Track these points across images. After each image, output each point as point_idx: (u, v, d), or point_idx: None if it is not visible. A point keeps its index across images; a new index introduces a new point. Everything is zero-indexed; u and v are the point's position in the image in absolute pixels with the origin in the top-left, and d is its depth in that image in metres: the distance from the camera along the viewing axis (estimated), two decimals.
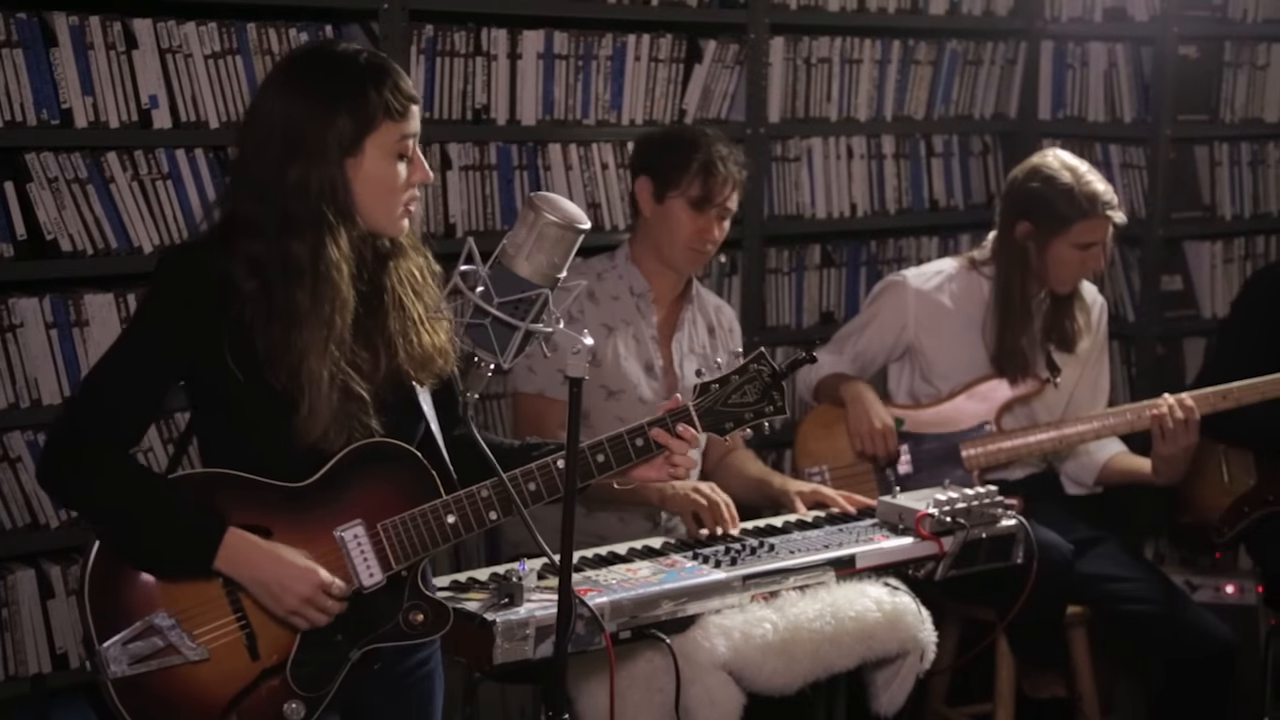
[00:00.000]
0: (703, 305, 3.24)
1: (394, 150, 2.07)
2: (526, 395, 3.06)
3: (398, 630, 2.15)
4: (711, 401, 2.33)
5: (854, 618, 2.61)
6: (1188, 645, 3.18)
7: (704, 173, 3.04)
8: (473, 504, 2.17)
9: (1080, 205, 3.20)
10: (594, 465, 2.25)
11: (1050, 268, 3.26)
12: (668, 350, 3.15)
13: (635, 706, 2.53)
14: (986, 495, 2.86)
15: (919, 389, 3.44)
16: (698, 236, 3.07)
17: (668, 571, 2.56)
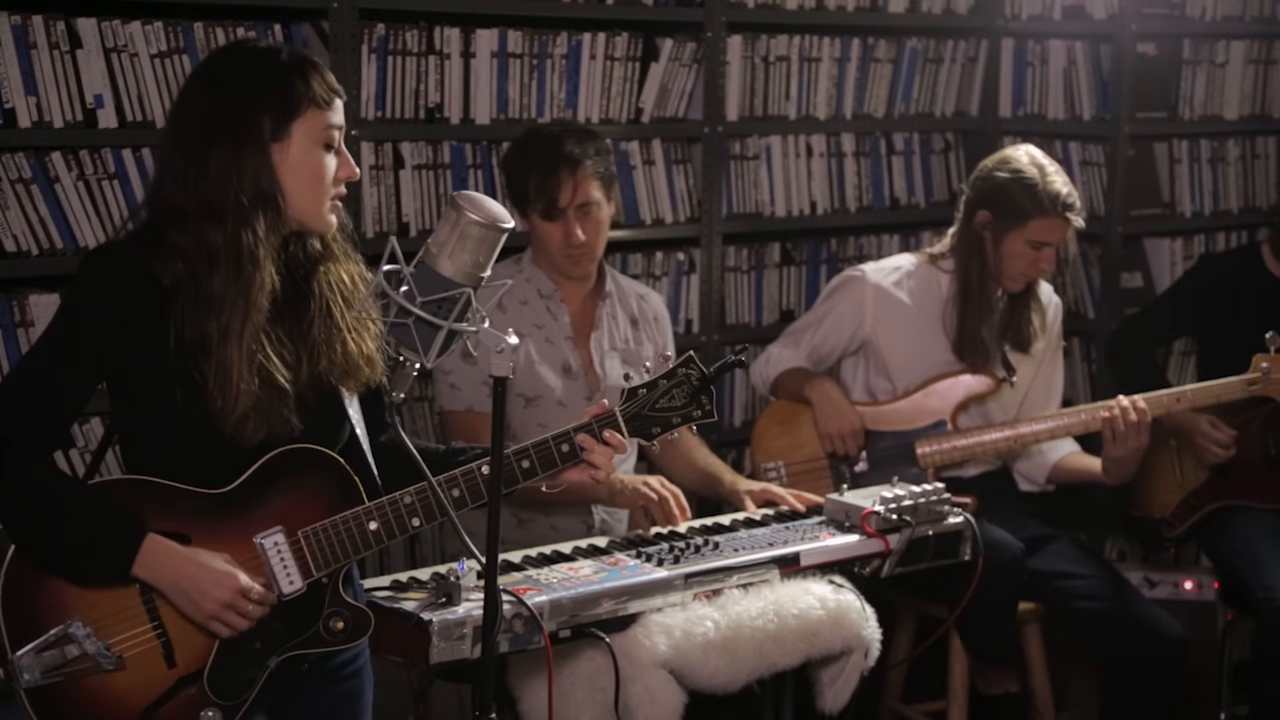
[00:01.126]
0: (623, 298, 3.20)
1: (320, 139, 2.07)
2: (455, 413, 3.03)
3: (318, 637, 2.15)
4: (638, 406, 2.34)
5: (797, 615, 2.61)
6: (1137, 641, 3.19)
7: (542, 185, 2.98)
8: (395, 510, 2.17)
9: (1040, 202, 3.20)
10: (519, 471, 2.25)
11: (1003, 261, 3.27)
12: (586, 350, 3.11)
13: (578, 705, 2.53)
14: (934, 493, 2.86)
15: (875, 385, 3.45)
16: (565, 242, 3.02)
17: (609, 570, 2.56)
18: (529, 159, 3.01)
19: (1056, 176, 3.24)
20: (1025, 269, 3.27)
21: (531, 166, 3.00)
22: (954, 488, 3.31)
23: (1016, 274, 3.28)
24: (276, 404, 2.07)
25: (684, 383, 2.37)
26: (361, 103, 3.25)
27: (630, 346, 3.15)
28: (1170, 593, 3.76)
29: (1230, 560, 3.45)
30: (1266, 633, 3.32)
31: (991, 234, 3.27)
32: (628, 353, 3.13)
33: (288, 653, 2.13)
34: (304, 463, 2.13)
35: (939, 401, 3.34)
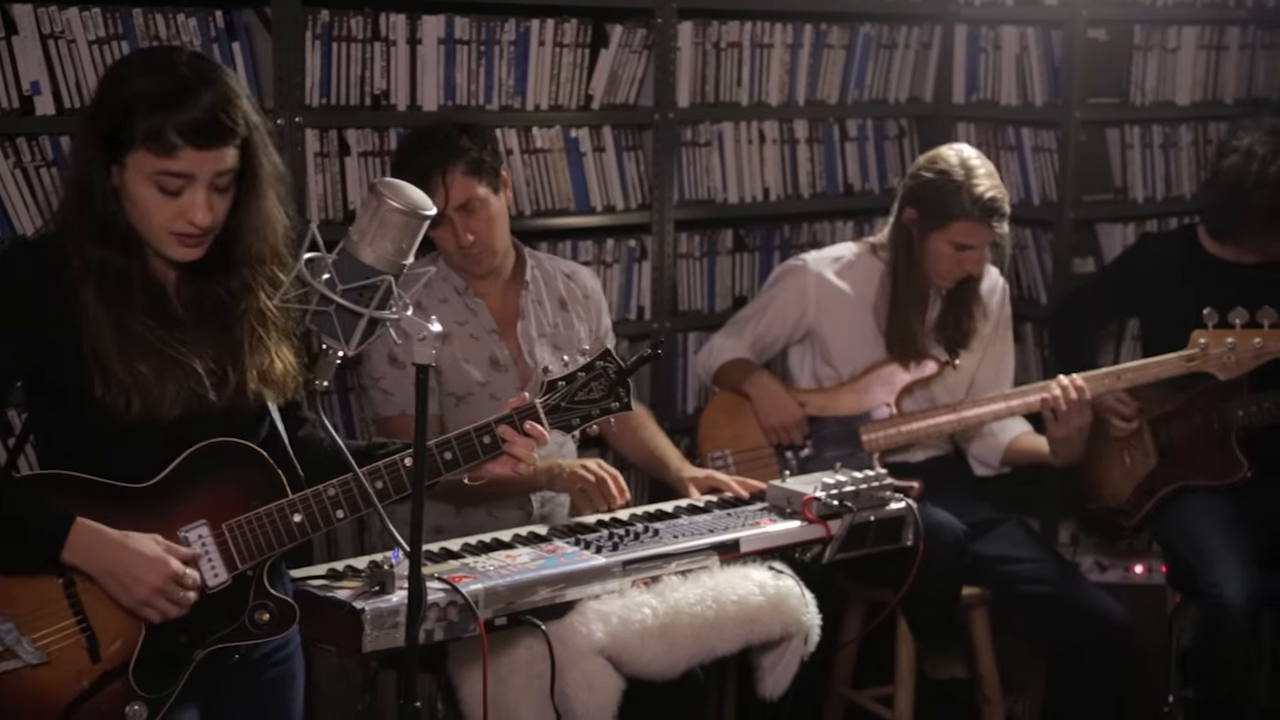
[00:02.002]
0: (548, 281, 3.17)
1: (151, 180, 2.03)
2: (391, 418, 3.01)
3: (243, 630, 2.15)
4: (559, 399, 2.36)
5: (736, 601, 2.62)
6: (1082, 626, 3.20)
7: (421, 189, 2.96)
8: (319, 502, 2.17)
9: (963, 205, 3.21)
10: (441, 463, 2.26)
11: (929, 260, 3.28)
12: (514, 341, 3.09)
13: (516, 692, 2.54)
14: (875, 478, 2.87)
15: (820, 371, 3.46)
16: (456, 245, 3.00)
17: (547, 558, 2.57)
18: (405, 166, 2.97)
19: (984, 180, 3.23)
20: (950, 269, 3.27)
21: (405, 174, 2.90)
22: (901, 472, 3.34)
23: (943, 272, 3.29)
24: (187, 380, 2.07)
25: (601, 375, 2.39)
26: (306, 89, 3.23)
27: (560, 330, 3.14)
28: (1121, 577, 3.78)
29: (1180, 550, 3.46)
30: (1209, 628, 3.33)
31: (917, 232, 3.28)
32: (558, 336, 3.12)
33: (213, 645, 2.13)
34: (227, 456, 2.13)
35: (882, 387, 3.35)
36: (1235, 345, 3.20)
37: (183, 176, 2.02)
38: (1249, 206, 3.47)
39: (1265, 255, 3.56)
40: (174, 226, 2.05)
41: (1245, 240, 3.54)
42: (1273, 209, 3.45)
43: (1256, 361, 3.21)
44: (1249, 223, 3.50)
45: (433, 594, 2.37)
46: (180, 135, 2.00)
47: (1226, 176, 3.52)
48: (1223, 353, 3.20)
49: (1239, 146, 3.53)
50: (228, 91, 2.03)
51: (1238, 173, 3.48)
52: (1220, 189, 3.54)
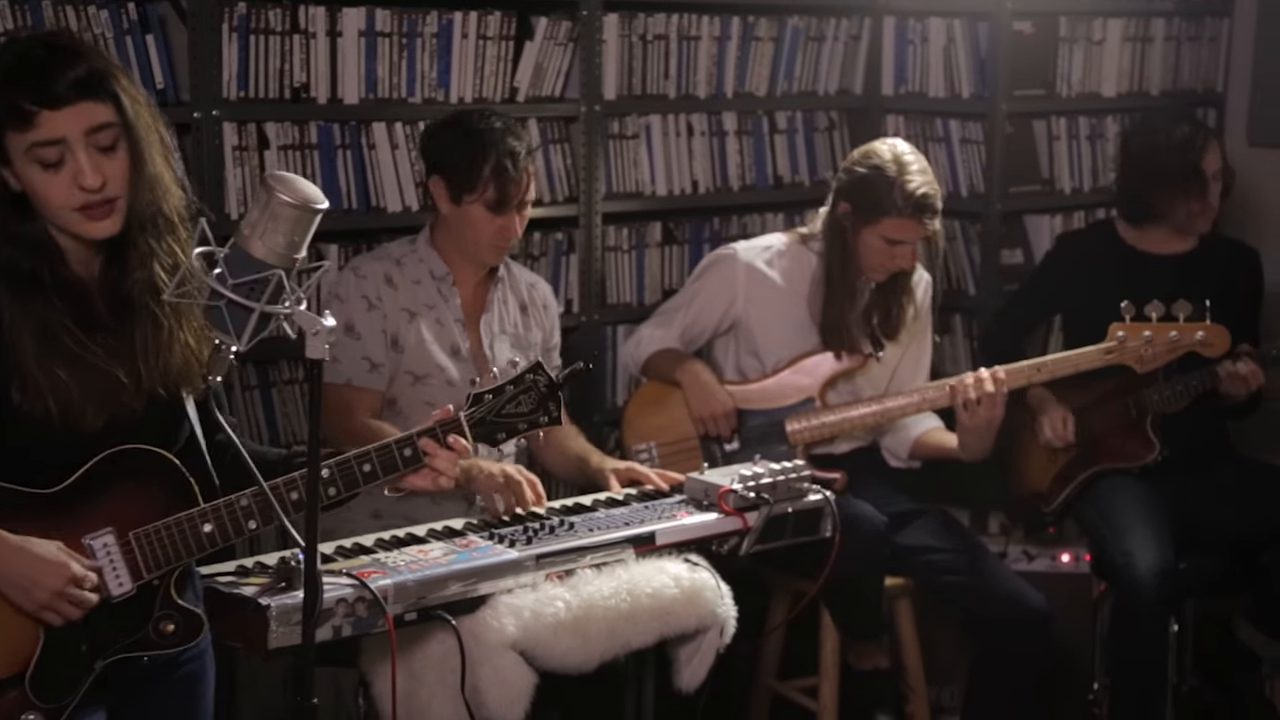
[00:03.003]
0: (514, 283, 3.22)
1: (31, 159, 1.99)
2: (333, 386, 2.99)
3: (147, 640, 2.12)
4: (485, 411, 2.34)
5: (651, 594, 2.62)
6: (1001, 613, 3.23)
7: (498, 176, 2.98)
8: (231, 513, 2.14)
9: (895, 201, 3.21)
10: (360, 475, 2.25)
11: (861, 253, 3.29)
12: (475, 333, 3.12)
13: (430, 688, 2.53)
14: (793, 470, 2.88)
15: (745, 364, 3.46)
16: (500, 235, 3.04)
17: (460, 552, 2.55)
18: (479, 150, 2.98)
19: (917, 176, 3.24)
20: (883, 263, 3.29)
21: (481, 158, 2.98)
22: (825, 464, 3.36)
23: (875, 266, 3.30)
24: (107, 388, 2.04)
25: (531, 389, 2.38)
26: (223, 83, 3.21)
27: (519, 331, 3.16)
28: (1048, 566, 3.81)
29: (1097, 530, 3.50)
30: (1123, 597, 3.37)
31: (850, 226, 3.29)
32: (517, 337, 3.15)
33: (115, 655, 2.10)
34: (139, 464, 2.09)
35: (807, 379, 3.36)
36: (1152, 338, 3.23)
37: (54, 143, 1.98)
38: (1163, 170, 3.50)
39: (1185, 229, 3.57)
40: (72, 200, 2.01)
41: (1166, 213, 3.54)
42: (1186, 162, 3.50)
43: (1172, 354, 3.24)
44: (1166, 189, 3.50)
45: (341, 590, 2.35)
46: (31, 101, 1.96)
47: (1137, 151, 3.58)
48: (1140, 345, 3.23)
49: (1138, 129, 3.66)
50: (74, 50, 2.00)
51: (1148, 143, 3.56)
52: (1132, 167, 3.59)
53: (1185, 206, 3.53)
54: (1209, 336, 3.23)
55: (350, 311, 3.03)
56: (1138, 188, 3.57)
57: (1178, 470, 3.53)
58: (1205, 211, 3.55)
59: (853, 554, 3.05)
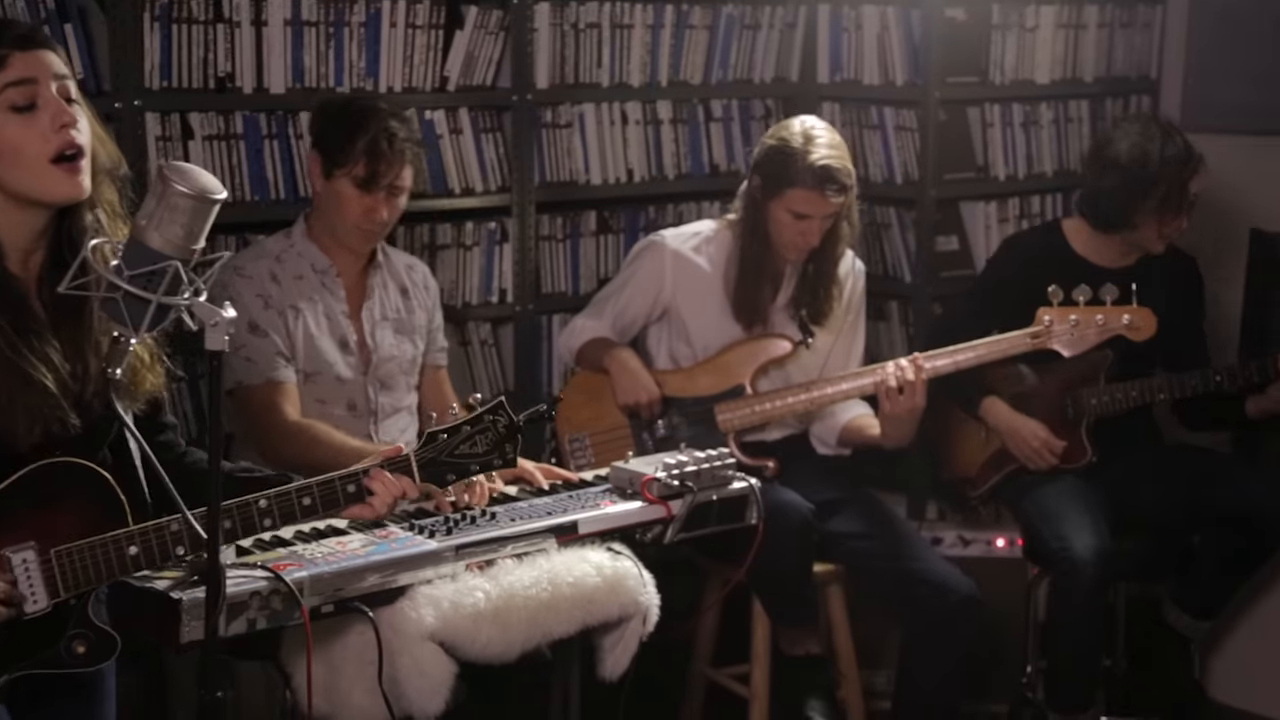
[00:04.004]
0: (393, 268, 3.18)
1: (4, 105, 1.99)
2: (254, 386, 2.99)
3: (56, 658, 2.08)
4: (436, 452, 2.33)
5: (572, 584, 2.61)
6: (930, 598, 3.24)
7: (370, 152, 2.98)
8: (160, 537, 2.11)
9: (798, 173, 3.22)
10: (298, 508, 2.23)
11: (772, 230, 3.30)
12: (359, 323, 3.09)
13: (350, 680, 2.51)
14: (718, 457, 2.87)
15: (678, 351, 3.46)
16: (365, 216, 3.02)
17: (378, 544, 2.54)
18: (356, 125, 2.99)
19: (825, 149, 3.24)
20: (793, 239, 3.29)
21: (358, 133, 2.98)
22: (757, 451, 3.37)
23: (786, 243, 3.31)
24: (42, 402, 2.01)
25: (489, 429, 2.37)
26: (145, 72, 3.18)
27: (402, 316, 3.13)
28: (983, 550, 3.83)
29: (1029, 517, 3.52)
30: (1060, 584, 3.39)
31: (760, 199, 3.30)
32: (400, 322, 3.12)
33: (20, 672, 2.06)
34: (69, 478, 2.05)
35: (737, 366, 3.37)
36: (1079, 322, 3.24)
37: (26, 82, 1.99)
38: (1153, 182, 3.44)
39: (1148, 245, 3.56)
40: (48, 148, 2.00)
41: (1141, 226, 3.51)
42: (1177, 181, 3.46)
43: (1099, 337, 3.25)
44: (1150, 201, 3.45)
45: (255, 583, 2.33)
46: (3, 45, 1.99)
47: (1127, 156, 3.46)
48: (1066, 329, 3.24)
49: (1130, 131, 3.52)
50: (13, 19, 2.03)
51: (1139, 151, 3.46)
52: (1117, 173, 3.48)
53: (1158, 226, 3.50)
54: (1135, 320, 3.25)
55: (249, 311, 3.00)
56: (1118, 195, 3.49)
57: (1105, 456, 3.55)
58: (1173, 234, 3.54)
59: (779, 541, 3.06)
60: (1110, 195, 3.50)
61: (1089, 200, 3.60)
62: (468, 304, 3.73)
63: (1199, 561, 3.56)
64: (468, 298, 3.74)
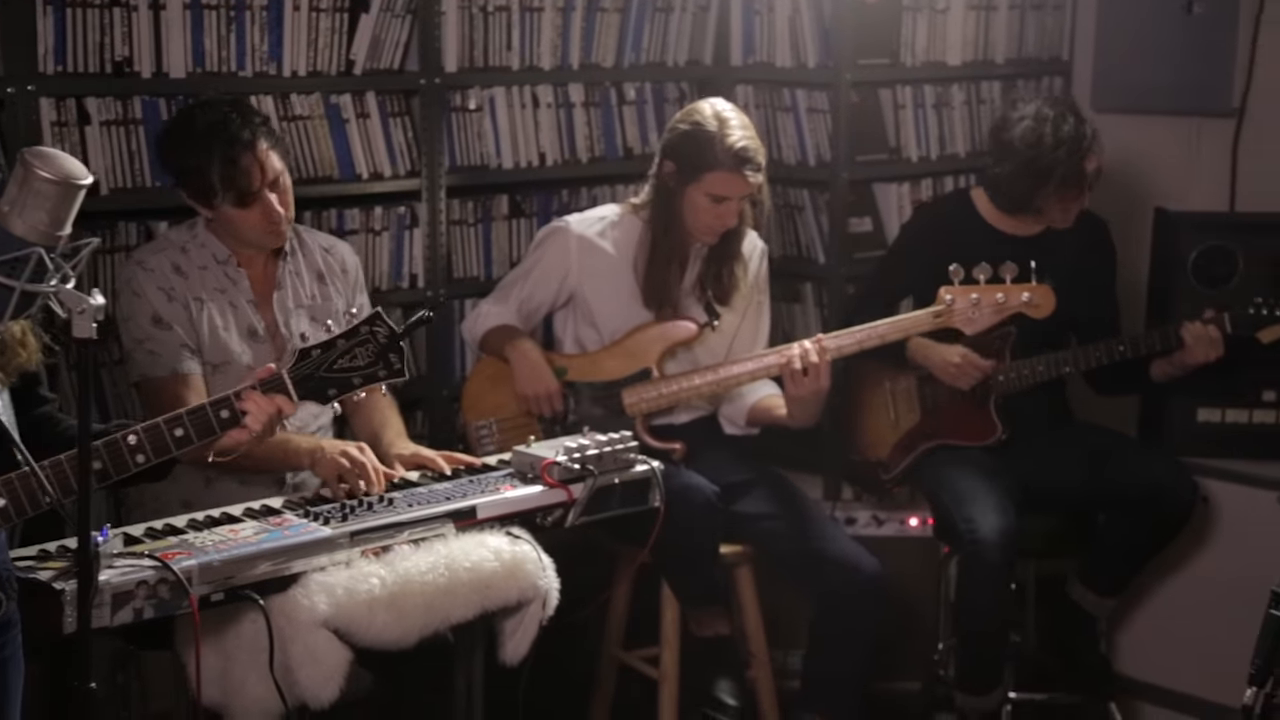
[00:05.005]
0: (306, 254, 3.14)
1: None
2: (160, 379, 2.94)
3: None
4: (311, 368, 2.30)
5: (469, 568, 2.61)
6: (837, 578, 3.26)
7: (228, 176, 2.89)
8: (26, 486, 2.10)
9: (716, 155, 3.22)
10: (171, 440, 2.20)
11: (687, 214, 3.30)
12: (270, 312, 3.06)
13: (244, 668, 2.51)
14: (620, 441, 2.89)
15: (583, 335, 3.46)
16: (264, 220, 2.97)
17: (271, 531, 2.53)
18: (202, 150, 2.90)
19: (738, 131, 3.25)
20: (709, 222, 3.29)
21: (210, 158, 2.89)
22: (665, 434, 3.38)
23: (702, 227, 3.31)
24: None
25: (369, 341, 2.34)
26: (39, 56, 3.13)
27: (318, 302, 3.10)
28: (896, 529, 3.86)
29: (939, 497, 3.55)
30: (967, 565, 3.43)
31: (675, 185, 3.30)
32: (315, 309, 3.09)
33: None
34: None
35: (643, 350, 3.37)
36: (979, 300, 3.27)
37: None
38: (1048, 166, 3.45)
39: (1055, 222, 3.59)
40: None
41: (1045, 209, 3.53)
42: (1073, 164, 3.47)
43: (999, 315, 3.28)
44: (1048, 185, 3.47)
45: (143, 572, 2.33)
46: None
47: (1021, 141, 3.48)
48: (967, 307, 3.26)
49: (1024, 115, 3.53)
50: None
51: (1033, 135, 3.47)
52: (1014, 157, 3.50)
53: (1060, 206, 3.53)
54: (1035, 298, 3.28)
55: (153, 304, 2.96)
56: (1016, 181, 3.50)
57: (1016, 434, 3.59)
58: (1077, 211, 3.57)
59: (684, 523, 3.07)
60: (1010, 180, 3.53)
61: (992, 184, 3.63)
62: (378, 289, 3.70)
63: (1103, 541, 3.61)
64: (377, 283, 3.71)
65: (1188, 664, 3.64)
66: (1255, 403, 3.75)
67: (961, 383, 3.51)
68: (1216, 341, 3.41)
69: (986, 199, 3.64)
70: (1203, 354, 3.42)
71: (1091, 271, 3.65)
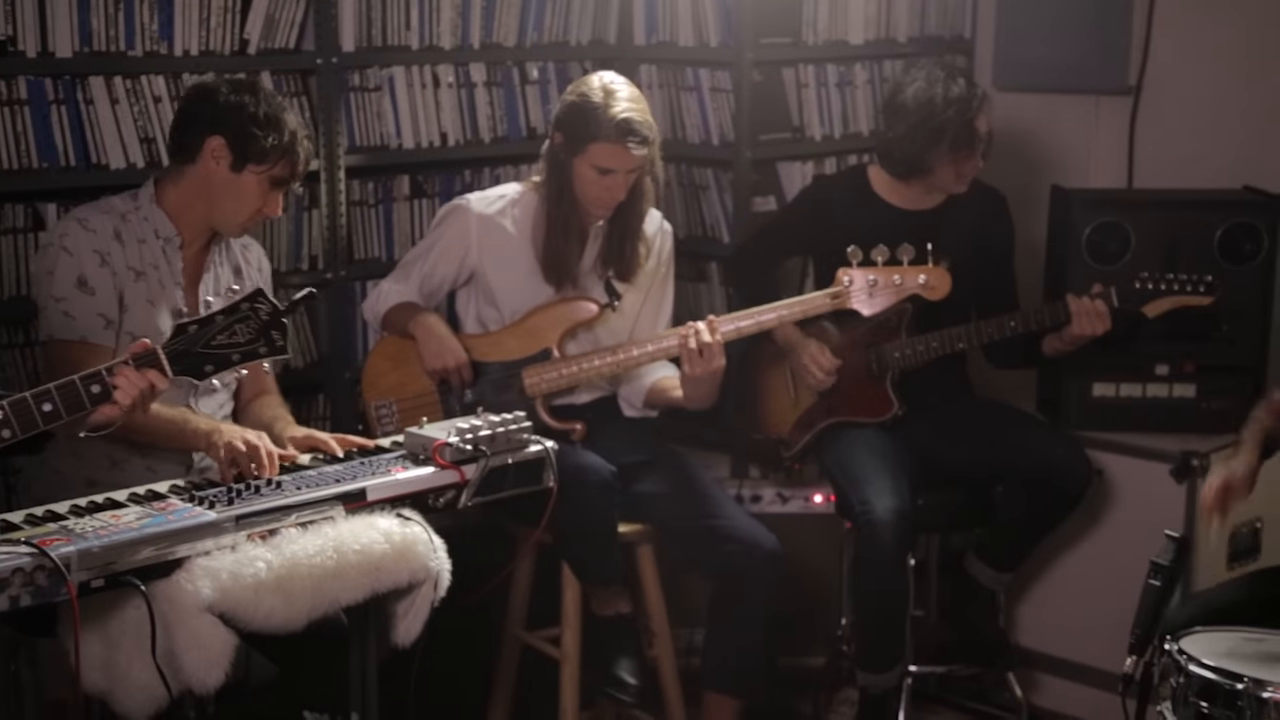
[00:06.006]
0: (229, 246, 3.12)
1: None
2: (66, 342, 2.89)
3: None
4: (188, 344, 2.27)
5: (359, 551, 2.60)
6: (736, 555, 3.28)
7: (289, 155, 2.91)
8: None
9: (599, 127, 3.22)
10: (39, 415, 2.16)
11: (576, 186, 3.29)
12: (194, 297, 3.02)
13: (128, 654, 2.48)
14: (513, 421, 2.88)
15: (485, 315, 3.45)
16: (258, 213, 2.97)
17: (154, 516, 2.50)
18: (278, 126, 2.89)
19: (624, 103, 3.24)
20: (598, 195, 3.29)
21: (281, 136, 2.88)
22: (566, 414, 3.38)
23: (591, 199, 3.30)
24: None
25: (249, 318, 2.31)
26: None
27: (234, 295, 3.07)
28: (801, 507, 3.89)
29: (835, 478, 3.58)
30: (862, 546, 3.46)
31: (564, 157, 3.29)
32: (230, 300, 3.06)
33: None
34: None
35: (544, 330, 3.36)
36: (877, 282, 3.29)
37: None
38: (940, 125, 3.46)
39: (946, 188, 3.61)
40: None
41: (938, 169, 3.54)
42: (964, 122, 3.49)
43: (896, 297, 3.31)
44: (941, 144, 3.48)
45: (18, 559, 2.29)
46: None
47: (914, 102, 3.49)
48: (864, 289, 3.29)
49: (916, 78, 3.55)
50: None
51: (924, 96, 3.49)
52: (905, 120, 3.51)
53: (954, 167, 3.54)
54: (931, 280, 3.31)
55: (82, 265, 2.90)
56: (909, 143, 3.51)
57: (914, 410, 3.62)
58: (970, 173, 3.59)
59: (581, 503, 3.08)
60: (902, 142, 3.55)
61: (884, 150, 3.65)
62: (277, 271, 3.66)
63: (999, 516, 3.65)
64: (276, 265, 3.67)
65: (1084, 635, 3.69)
66: (1149, 377, 3.81)
67: (810, 381, 3.54)
68: (1103, 316, 3.45)
69: (882, 175, 3.67)
70: (1089, 328, 3.46)
71: (989, 245, 3.69)
